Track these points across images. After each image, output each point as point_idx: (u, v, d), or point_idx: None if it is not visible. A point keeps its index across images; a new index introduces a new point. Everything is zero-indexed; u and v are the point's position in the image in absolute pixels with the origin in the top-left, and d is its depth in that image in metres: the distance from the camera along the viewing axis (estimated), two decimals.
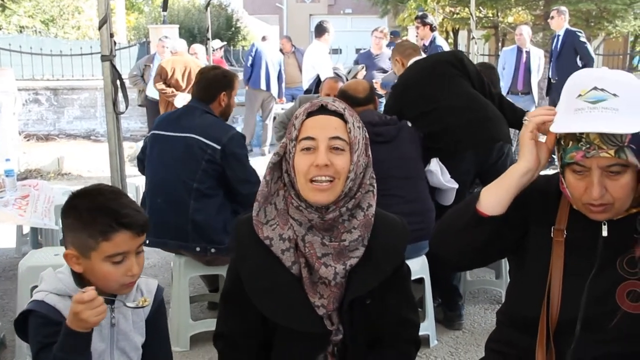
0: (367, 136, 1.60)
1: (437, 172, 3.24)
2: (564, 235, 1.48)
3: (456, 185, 3.27)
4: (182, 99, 7.02)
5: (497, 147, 3.38)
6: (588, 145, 1.34)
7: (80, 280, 1.56)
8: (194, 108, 3.17)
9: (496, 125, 3.44)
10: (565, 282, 1.46)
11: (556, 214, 1.52)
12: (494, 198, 1.47)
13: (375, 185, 1.62)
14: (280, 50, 9.73)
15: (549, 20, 8.01)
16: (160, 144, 3.13)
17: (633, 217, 1.44)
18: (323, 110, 1.54)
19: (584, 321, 1.43)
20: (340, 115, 1.53)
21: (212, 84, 3.20)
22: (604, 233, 1.45)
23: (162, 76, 7.13)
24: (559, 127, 1.37)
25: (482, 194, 1.49)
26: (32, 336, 1.52)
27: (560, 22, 7.74)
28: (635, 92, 1.36)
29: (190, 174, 2.99)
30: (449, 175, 3.27)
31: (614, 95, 1.33)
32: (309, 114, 1.53)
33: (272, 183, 1.58)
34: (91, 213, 1.51)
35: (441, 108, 3.38)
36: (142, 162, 3.27)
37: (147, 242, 3.10)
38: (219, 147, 2.99)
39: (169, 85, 7.13)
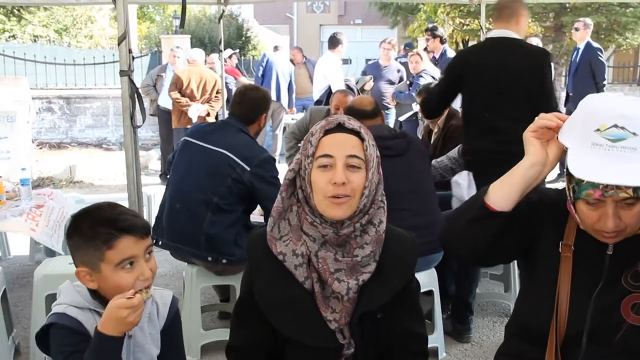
0: (379, 154, 1.63)
1: (464, 186, 3.22)
2: (572, 251, 1.51)
3: None
4: (195, 110, 7.09)
5: None
6: (606, 185, 1.35)
7: (96, 294, 1.59)
8: (231, 125, 3.21)
9: None
10: (572, 297, 1.49)
11: (564, 229, 1.54)
12: (501, 192, 1.49)
13: (385, 201, 1.64)
14: (291, 60, 9.78)
15: (572, 32, 7.79)
16: (191, 152, 3.17)
17: (638, 236, 1.47)
18: (340, 128, 1.56)
19: (590, 334, 1.46)
20: (357, 134, 1.56)
21: (256, 107, 3.26)
22: (610, 251, 1.48)
23: (178, 86, 7.20)
24: (577, 170, 1.36)
25: (491, 189, 1.51)
26: (56, 346, 1.54)
27: (584, 35, 7.51)
28: None
29: (214, 188, 3.02)
30: (476, 191, 3.24)
31: (634, 134, 1.33)
32: (326, 132, 1.56)
33: (285, 199, 1.60)
34: (92, 228, 1.54)
35: (491, 124, 3.20)
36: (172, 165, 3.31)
37: (160, 243, 3.15)
38: (248, 169, 3.02)
39: (183, 95, 7.20)
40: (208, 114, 7.21)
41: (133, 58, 2.59)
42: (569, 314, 1.48)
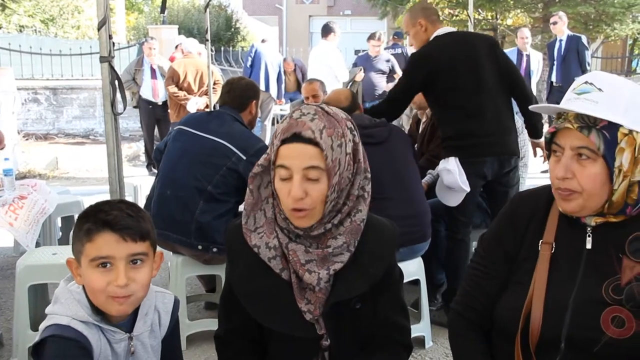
0: (356, 141, 1.54)
1: (455, 172, 3.19)
2: (552, 250, 1.49)
3: (468, 189, 3.22)
4: (194, 103, 7.01)
5: (514, 158, 3.38)
6: (562, 121, 1.43)
7: (97, 309, 1.49)
8: (225, 114, 3.22)
9: (516, 138, 3.42)
10: (548, 296, 1.46)
11: (544, 227, 1.53)
12: None
13: (368, 189, 1.57)
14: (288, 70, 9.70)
15: (551, 26, 8.11)
16: (185, 140, 3.16)
17: (618, 230, 1.45)
18: (296, 137, 1.45)
19: (568, 341, 1.42)
20: (316, 143, 1.44)
21: (244, 94, 3.28)
22: (588, 245, 1.46)
23: (174, 79, 7.09)
24: (538, 108, 1.56)
25: None
26: (53, 357, 1.42)
27: (563, 27, 7.87)
28: (621, 93, 1.40)
29: (208, 176, 3.02)
30: (465, 177, 3.22)
31: (599, 89, 1.40)
32: (283, 141, 1.46)
33: (262, 189, 1.57)
34: (85, 219, 1.46)
35: (475, 108, 3.24)
36: (162, 153, 3.29)
37: None
38: (244, 158, 3.02)
39: (180, 89, 7.11)
40: (207, 106, 7.15)
41: (113, 44, 2.55)
42: (544, 315, 1.44)
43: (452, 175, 3.21)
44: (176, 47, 8.60)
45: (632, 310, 1.39)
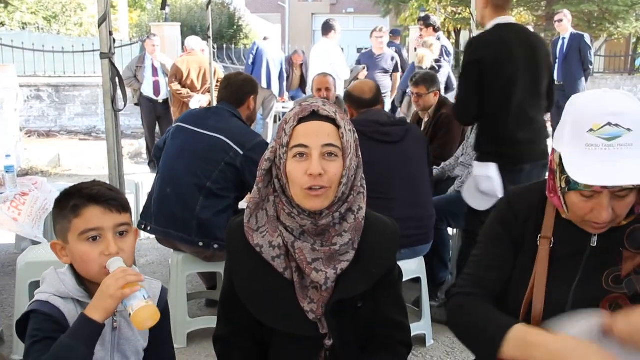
0: (357, 137, 1.58)
1: (495, 179, 3.09)
2: (551, 244, 1.48)
3: (501, 196, 3.15)
4: (197, 101, 6.99)
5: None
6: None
7: (81, 281, 1.55)
8: (224, 110, 3.23)
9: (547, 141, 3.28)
10: (549, 290, 1.45)
11: (542, 222, 1.51)
12: (518, 355, 1.35)
13: (365, 186, 1.59)
14: (290, 62, 9.64)
15: (556, 24, 8.06)
16: (183, 137, 3.16)
17: (622, 227, 1.45)
18: (314, 115, 1.50)
19: None
20: (333, 121, 1.50)
21: (242, 89, 3.29)
22: (593, 243, 1.45)
23: (178, 77, 7.07)
24: (578, 174, 1.31)
25: (509, 343, 1.35)
26: (29, 331, 1.48)
27: (568, 25, 7.83)
28: None
29: (207, 172, 3.02)
30: (502, 184, 3.10)
31: (628, 130, 1.31)
32: (300, 120, 1.49)
33: (263, 188, 1.56)
34: (66, 197, 1.54)
35: (526, 113, 3.12)
36: (161, 150, 3.29)
37: (149, 228, 3.13)
38: (241, 153, 3.02)
39: (184, 86, 7.08)
40: (209, 104, 7.13)
41: (114, 41, 2.55)
42: (545, 309, 1.44)
43: (491, 183, 3.11)
44: (184, 50, 8.58)
45: (629, 297, 1.40)
